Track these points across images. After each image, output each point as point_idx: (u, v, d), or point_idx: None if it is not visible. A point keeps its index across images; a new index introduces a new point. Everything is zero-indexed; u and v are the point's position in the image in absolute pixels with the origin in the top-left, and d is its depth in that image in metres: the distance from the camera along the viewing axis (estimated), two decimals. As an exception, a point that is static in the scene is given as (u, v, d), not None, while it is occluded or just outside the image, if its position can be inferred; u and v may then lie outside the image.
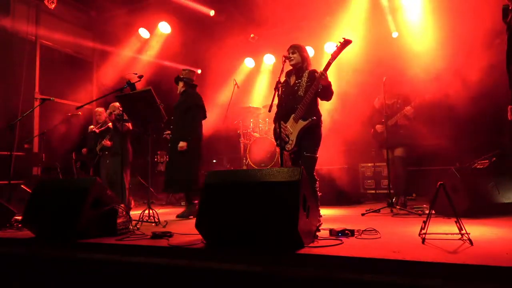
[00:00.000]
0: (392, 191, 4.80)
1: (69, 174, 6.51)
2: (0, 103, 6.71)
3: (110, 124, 5.87)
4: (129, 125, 5.66)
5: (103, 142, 5.83)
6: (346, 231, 2.75)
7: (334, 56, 3.56)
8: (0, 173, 5.72)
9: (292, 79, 3.76)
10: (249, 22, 7.26)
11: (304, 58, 3.71)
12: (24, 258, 2.95)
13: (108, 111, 5.83)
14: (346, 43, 3.56)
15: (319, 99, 3.69)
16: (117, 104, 5.74)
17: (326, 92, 3.56)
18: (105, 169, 5.85)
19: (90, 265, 2.66)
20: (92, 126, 6.00)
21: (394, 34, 6.81)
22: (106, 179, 5.63)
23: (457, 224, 2.42)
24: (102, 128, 5.92)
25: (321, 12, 6.96)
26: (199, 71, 8.73)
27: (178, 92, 4.96)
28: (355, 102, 6.27)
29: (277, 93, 3.42)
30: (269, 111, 3.44)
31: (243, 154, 6.83)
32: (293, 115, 3.60)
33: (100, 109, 6.22)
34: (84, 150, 6.12)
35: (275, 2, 6.63)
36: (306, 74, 3.63)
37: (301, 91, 3.58)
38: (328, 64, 3.51)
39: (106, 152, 5.89)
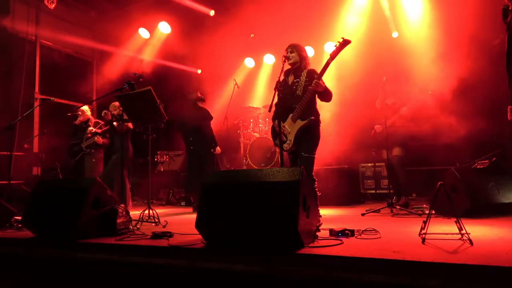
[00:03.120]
0: (392, 191, 4.80)
1: (69, 174, 6.50)
2: (0, 103, 6.71)
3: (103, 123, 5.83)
4: (129, 124, 5.64)
5: (95, 138, 5.77)
6: (346, 231, 2.75)
7: (333, 56, 3.55)
8: (0, 173, 5.72)
9: (290, 78, 3.75)
10: (249, 22, 7.25)
11: (302, 57, 3.70)
12: (24, 258, 2.95)
13: (104, 111, 5.76)
14: (345, 43, 3.55)
15: (317, 99, 3.69)
16: (118, 103, 5.72)
17: (325, 95, 3.57)
18: (90, 167, 5.77)
19: (90, 265, 2.66)
20: (91, 128, 5.90)
21: (394, 34, 6.81)
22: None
23: (457, 224, 2.42)
24: (105, 128, 5.86)
25: (321, 12, 6.96)
26: (199, 71, 8.74)
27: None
28: (355, 102, 6.27)
29: (277, 93, 3.42)
30: (269, 111, 3.44)
31: (243, 154, 6.83)
32: (291, 115, 3.59)
33: (84, 108, 6.11)
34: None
35: (275, 2, 6.63)
36: (304, 73, 3.63)
37: (299, 90, 3.58)
38: (327, 64, 3.51)
39: (92, 150, 5.84)
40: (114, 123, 5.63)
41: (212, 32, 7.53)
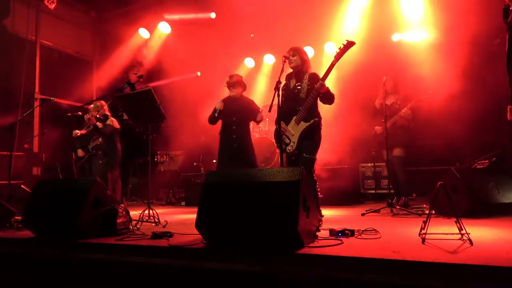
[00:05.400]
0: (392, 191, 4.80)
1: (69, 174, 6.50)
2: (0, 103, 6.71)
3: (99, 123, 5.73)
4: (115, 124, 5.50)
5: (99, 140, 5.70)
6: (346, 231, 2.75)
7: (337, 57, 3.55)
8: (0, 173, 5.71)
9: (292, 82, 3.76)
10: (249, 22, 7.26)
11: (304, 61, 3.71)
12: (24, 258, 2.95)
13: (87, 116, 5.56)
14: (349, 45, 3.54)
15: (319, 102, 3.69)
16: (100, 103, 5.63)
17: (327, 98, 3.58)
18: (97, 169, 5.69)
19: (90, 265, 2.66)
20: (77, 131, 5.70)
21: (395, 37, 6.80)
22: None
23: (457, 224, 2.42)
24: (89, 129, 5.73)
25: (321, 12, 6.96)
26: (198, 73, 8.72)
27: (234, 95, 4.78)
28: (355, 102, 6.27)
29: (277, 93, 3.42)
30: (269, 111, 3.44)
31: (243, 154, 6.81)
32: (295, 117, 3.60)
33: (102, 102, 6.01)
34: (80, 152, 5.92)
35: (275, 2, 6.63)
36: (307, 77, 3.64)
37: (302, 93, 3.59)
38: (331, 66, 3.50)
39: (99, 152, 5.79)
40: (98, 125, 5.42)
41: (212, 32, 7.54)
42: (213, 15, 7.65)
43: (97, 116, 5.47)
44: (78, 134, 5.70)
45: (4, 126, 4.89)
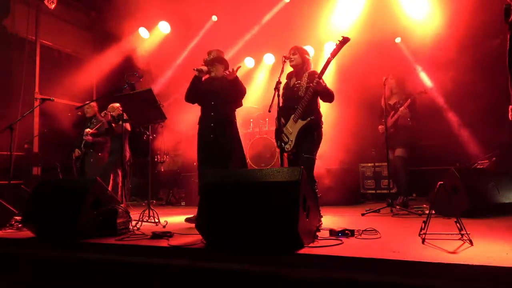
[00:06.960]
0: (393, 190, 4.80)
1: (69, 174, 6.50)
2: (0, 103, 6.71)
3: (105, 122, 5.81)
4: (127, 126, 5.59)
5: (84, 137, 5.72)
6: (346, 231, 2.75)
7: (333, 54, 3.55)
8: (0, 173, 5.71)
9: (292, 81, 3.77)
10: (249, 22, 7.25)
11: (305, 60, 3.72)
12: (24, 258, 2.95)
13: (104, 111, 5.76)
14: (344, 41, 3.55)
15: (320, 100, 3.70)
16: (117, 105, 5.70)
17: (326, 95, 3.58)
18: (90, 168, 5.75)
19: (90, 265, 2.66)
20: (88, 130, 5.80)
21: (397, 39, 6.80)
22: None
23: (457, 224, 2.42)
24: (102, 130, 5.82)
25: (322, 11, 6.96)
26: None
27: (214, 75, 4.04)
28: (355, 102, 6.27)
29: (277, 93, 3.42)
30: (269, 111, 3.44)
31: (243, 154, 6.81)
32: (292, 115, 3.60)
33: (92, 103, 6.10)
34: (77, 151, 5.92)
35: (275, 2, 6.63)
36: (306, 75, 3.65)
37: (301, 91, 3.59)
38: (327, 63, 3.50)
39: (91, 150, 5.81)
40: (113, 124, 5.60)
41: (211, 31, 7.53)
42: (214, 18, 7.64)
43: (112, 115, 5.56)
44: (89, 134, 5.75)
45: (4, 126, 4.89)
